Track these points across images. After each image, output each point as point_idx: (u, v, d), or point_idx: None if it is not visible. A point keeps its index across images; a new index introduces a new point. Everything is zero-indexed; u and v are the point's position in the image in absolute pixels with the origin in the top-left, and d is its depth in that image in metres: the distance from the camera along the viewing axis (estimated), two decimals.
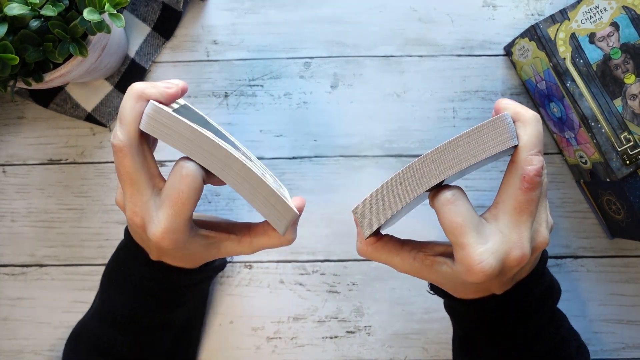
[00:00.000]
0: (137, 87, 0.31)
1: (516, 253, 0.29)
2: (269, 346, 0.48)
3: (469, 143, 0.29)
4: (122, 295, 0.38)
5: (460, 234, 0.29)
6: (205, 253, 0.36)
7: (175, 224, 0.30)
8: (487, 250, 0.29)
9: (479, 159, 0.29)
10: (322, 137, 0.50)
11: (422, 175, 0.29)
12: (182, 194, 0.30)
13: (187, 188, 0.30)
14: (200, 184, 0.30)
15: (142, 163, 0.31)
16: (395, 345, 0.48)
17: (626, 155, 0.41)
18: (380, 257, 0.34)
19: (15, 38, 0.37)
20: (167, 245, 0.31)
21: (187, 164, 0.30)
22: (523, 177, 0.29)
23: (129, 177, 0.31)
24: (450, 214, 0.29)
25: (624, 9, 0.42)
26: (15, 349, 0.49)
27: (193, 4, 0.50)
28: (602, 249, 0.49)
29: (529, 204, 0.29)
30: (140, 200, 0.31)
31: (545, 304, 0.35)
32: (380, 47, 0.50)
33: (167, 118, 0.30)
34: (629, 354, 0.48)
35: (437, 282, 0.34)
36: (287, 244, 0.36)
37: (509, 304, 0.34)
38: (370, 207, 0.30)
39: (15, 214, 0.50)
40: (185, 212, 0.30)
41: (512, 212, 0.30)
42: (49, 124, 0.50)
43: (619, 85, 0.42)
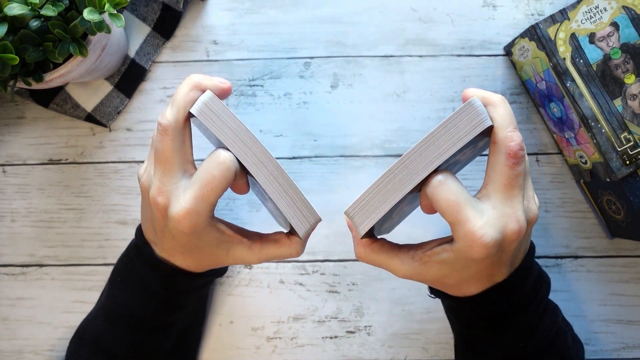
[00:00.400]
0: (196, 77, 0.33)
1: (513, 225, 0.30)
2: (269, 346, 0.48)
3: (446, 133, 0.30)
4: (127, 295, 0.38)
5: (457, 210, 0.29)
6: (214, 253, 0.35)
7: (200, 207, 0.31)
8: (486, 222, 0.29)
9: (459, 146, 0.30)
10: (322, 137, 0.50)
11: (409, 172, 0.30)
12: (214, 179, 0.31)
13: (220, 174, 0.31)
14: (233, 174, 0.31)
15: (180, 146, 0.32)
16: (395, 345, 0.48)
17: (626, 155, 0.41)
18: (379, 260, 0.34)
19: (15, 38, 0.37)
20: (185, 228, 0.32)
21: (226, 153, 0.31)
22: (507, 153, 0.30)
23: (165, 156, 0.32)
24: (444, 194, 0.30)
25: (624, 9, 0.42)
26: (15, 349, 0.49)
27: (193, 4, 0.50)
28: (602, 249, 0.49)
29: (517, 178, 0.30)
30: (169, 180, 0.32)
31: (537, 293, 0.35)
32: (380, 47, 0.50)
33: (219, 108, 0.32)
34: (629, 354, 0.48)
35: (439, 278, 0.34)
36: (296, 256, 0.36)
37: (510, 291, 0.34)
38: (362, 208, 0.31)
39: (15, 214, 0.50)
40: (212, 197, 0.31)
41: (503, 189, 0.30)
42: (49, 124, 0.50)
43: (619, 85, 0.42)
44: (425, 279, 0.34)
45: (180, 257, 0.36)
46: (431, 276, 0.34)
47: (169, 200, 0.32)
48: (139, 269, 0.38)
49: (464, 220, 0.29)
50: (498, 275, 0.34)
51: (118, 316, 0.38)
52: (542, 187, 0.49)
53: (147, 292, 0.37)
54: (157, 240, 0.36)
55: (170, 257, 0.36)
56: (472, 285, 0.34)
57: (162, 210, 0.33)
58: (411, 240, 0.49)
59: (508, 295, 0.34)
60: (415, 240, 0.49)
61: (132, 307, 0.38)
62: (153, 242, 0.37)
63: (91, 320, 0.41)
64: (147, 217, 0.36)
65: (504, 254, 0.32)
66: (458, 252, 0.31)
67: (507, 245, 0.31)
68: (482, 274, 0.33)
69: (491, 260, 0.31)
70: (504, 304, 0.34)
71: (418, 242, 0.35)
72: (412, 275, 0.34)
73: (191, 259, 0.36)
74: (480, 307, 0.35)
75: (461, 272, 0.33)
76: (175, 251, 0.36)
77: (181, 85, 0.33)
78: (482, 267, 0.32)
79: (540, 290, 0.36)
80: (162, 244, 0.36)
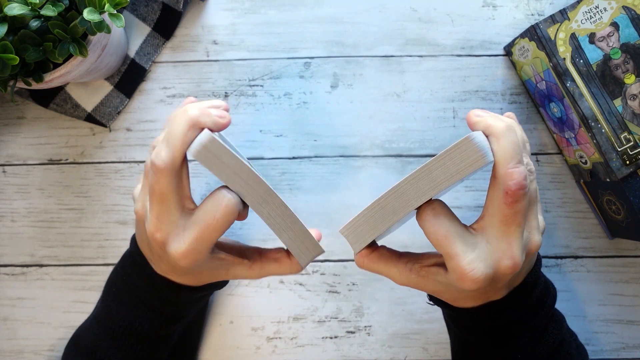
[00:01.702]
0: (192, 115, 0.31)
1: (507, 262, 0.29)
2: (269, 346, 0.48)
3: (442, 167, 0.28)
4: (123, 306, 0.37)
5: (447, 244, 0.29)
6: (214, 273, 0.35)
7: (201, 247, 0.31)
8: (476, 257, 0.29)
9: (455, 181, 0.29)
10: (322, 137, 0.50)
11: (402, 200, 0.30)
12: (216, 221, 0.30)
13: (223, 217, 0.30)
14: (235, 216, 0.31)
15: (177, 185, 0.31)
16: (395, 345, 0.48)
17: (626, 155, 0.41)
18: (378, 269, 0.34)
19: (15, 38, 0.37)
20: (185, 265, 0.31)
21: (229, 194, 0.30)
22: (505, 192, 0.28)
23: (162, 196, 0.31)
24: (434, 228, 0.29)
25: (624, 9, 0.42)
26: (15, 349, 0.49)
27: (193, 4, 0.50)
28: (602, 249, 0.49)
29: (515, 216, 0.29)
30: (167, 218, 0.31)
31: (543, 306, 0.35)
32: (380, 47, 0.50)
33: (219, 149, 0.30)
34: (629, 354, 0.48)
35: (435, 292, 0.34)
36: (296, 273, 0.36)
37: (509, 308, 0.34)
38: (355, 229, 0.31)
39: (15, 214, 0.50)
40: (213, 238, 0.31)
41: (499, 225, 0.29)
42: (49, 124, 0.50)
43: (619, 85, 0.42)
44: (422, 290, 0.34)
45: (177, 276, 0.36)
46: (428, 289, 0.34)
47: (167, 237, 0.31)
48: (135, 281, 0.37)
49: (453, 254, 0.29)
50: (494, 295, 0.34)
51: (114, 327, 0.37)
52: (542, 187, 0.49)
53: (144, 305, 0.37)
54: (153, 259, 0.36)
55: (167, 275, 0.36)
56: (468, 301, 0.34)
57: (161, 244, 0.32)
58: (414, 239, 0.49)
59: (505, 312, 0.34)
60: (406, 244, 0.49)
61: (129, 318, 0.37)
62: (149, 259, 0.36)
63: (87, 329, 0.40)
64: (142, 238, 0.36)
65: (498, 283, 0.31)
66: (450, 281, 0.31)
67: (500, 278, 0.30)
68: (476, 295, 0.33)
69: (484, 289, 0.31)
70: (503, 319, 0.34)
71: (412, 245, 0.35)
72: (410, 285, 0.34)
73: (189, 279, 0.36)
74: (478, 319, 0.35)
75: (456, 293, 0.33)
76: (173, 273, 0.35)
77: (177, 122, 0.30)
78: (477, 294, 0.32)
79: (545, 303, 0.35)
80: (159, 265, 0.35)
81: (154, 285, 0.36)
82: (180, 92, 0.50)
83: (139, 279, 0.37)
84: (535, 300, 0.35)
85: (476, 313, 0.34)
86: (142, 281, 0.37)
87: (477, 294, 0.32)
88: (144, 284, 0.37)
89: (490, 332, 0.35)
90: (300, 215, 0.48)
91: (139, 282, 0.37)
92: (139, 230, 0.36)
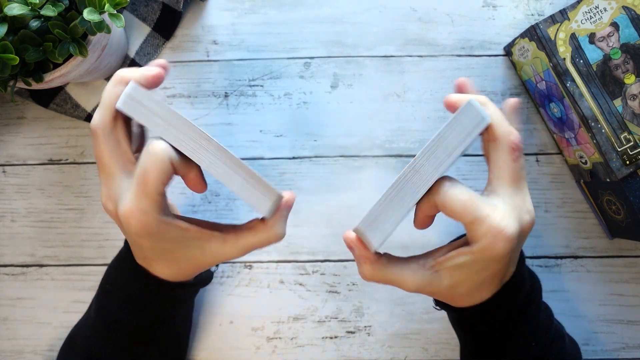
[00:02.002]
0: (121, 71, 0.31)
1: (527, 217, 0.30)
2: (269, 346, 0.48)
3: (453, 132, 0.30)
4: (114, 302, 0.37)
5: (474, 209, 0.29)
6: (188, 254, 0.34)
7: (144, 204, 0.29)
8: (505, 215, 0.29)
9: (466, 144, 0.30)
10: (322, 137, 0.50)
11: (420, 175, 0.30)
12: (148, 173, 0.29)
13: (153, 166, 0.29)
14: (168, 164, 0.29)
15: (116, 147, 0.31)
16: (395, 345, 0.48)
17: (626, 155, 0.41)
18: (390, 274, 0.33)
19: (15, 38, 0.37)
20: (135, 229, 0.30)
21: (155, 142, 0.29)
22: (510, 147, 0.30)
23: (102, 161, 0.31)
24: (457, 196, 0.29)
25: (624, 9, 0.42)
26: (15, 349, 0.49)
27: (193, 4, 0.50)
28: (602, 249, 0.49)
29: (521, 170, 0.31)
30: (113, 184, 0.31)
31: (534, 292, 0.35)
32: (380, 47, 0.50)
33: (144, 96, 0.30)
34: (629, 354, 0.48)
35: (452, 287, 0.32)
36: (277, 240, 0.34)
37: (511, 296, 0.34)
38: (374, 220, 0.31)
39: (15, 214, 0.50)
40: (151, 191, 0.29)
41: (510, 182, 0.31)
42: (49, 124, 0.50)
43: (619, 86, 0.42)
44: (437, 289, 0.33)
45: (157, 265, 0.35)
46: (444, 285, 0.32)
47: (116, 204, 0.31)
48: (125, 276, 0.37)
49: (483, 216, 0.29)
50: (507, 274, 0.33)
51: (107, 323, 0.37)
52: (542, 187, 0.49)
53: (131, 301, 0.36)
54: (132, 248, 0.35)
55: (148, 266, 0.35)
56: (484, 290, 0.33)
57: (114, 215, 0.31)
58: (414, 244, 0.49)
59: (512, 297, 0.34)
60: (418, 245, 0.49)
61: (119, 314, 0.37)
62: (131, 248, 0.36)
63: (82, 327, 0.40)
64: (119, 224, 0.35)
65: (520, 244, 0.31)
66: (479, 253, 0.30)
67: (523, 236, 0.31)
68: (497, 275, 0.32)
69: (510, 255, 0.30)
70: (511, 305, 0.34)
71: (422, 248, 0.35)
72: (424, 285, 0.32)
73: (168, 266, 0.34)
74: (485, 315, 0.34)
75: (477, 276, 0.31)
76: (148, 259, 0.34)
77: (107, 84, 0.31)
78: (500, 266, 0.31)
79: (534, 288, 0.36)
80: (134, 252, 0.35)
81: (137, 278, 0.36)
82: (180, 92, 0.50)
83: (126, 273, 0.36)
84: (529, 286, 0.35)
85: (484, 307, 0.34)
86: (129, 275, 0.36)
87: (501, 268, 0.31)
88: (130, 278, 0.36)
89: (496, 326, 0.35)
90: (301, 215, 0.48)
91: (127, 276, 0.36)
92: None
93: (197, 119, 0.50)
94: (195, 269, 0.36)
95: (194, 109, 0.50)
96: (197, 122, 0.50)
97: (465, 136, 0.30)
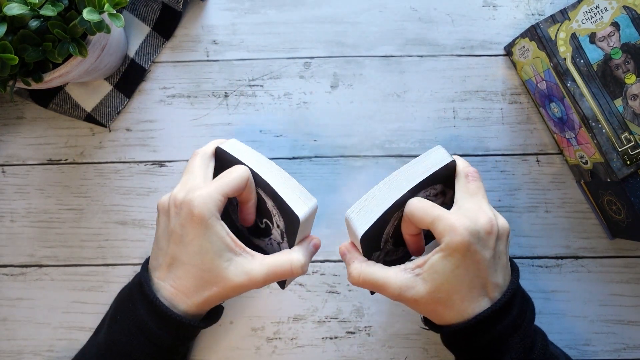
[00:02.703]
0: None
1: (482, 217, 0.35)
2: (269, 347, 0.48)
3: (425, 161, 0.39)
4: (125, 335, 0.37)
5: (432, 211, 0.35)
6: (216, 264, 0.35)
7: (213, 193, 0.35)
8: (459, 215, 0.35)
9: (432, 171, 0.38)
10: (322, 137, 0.50)
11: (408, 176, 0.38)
12: (230, 176, 0.37)
13: (235, 174, 0.37)
14: (245, 179, 0.37)
15: (205, 166, 0.39)
16: (396, 345, 0.48)
17: (627, 155, 0.41)
18: (376, 273, 0.36)
19: (15, 38, 0.37)
20: (196, 207, 0.34)
21: (241, 165, 0.38)
22: (466, 175, 0.38)
23: (192, 169, 0.38)
24: (419, 204, 0.36)
25: (625, 9, 0.42)
26: (14, 350, 0.49)
27: (193, 4, 0.50)
28: (602, 249, 0.49)
29: (477, 188, 0.38)
30: (192, 183, 0.37)
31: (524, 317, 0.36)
32: (380, 47, 0.50)
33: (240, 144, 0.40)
34: (629, 355, 0.48)
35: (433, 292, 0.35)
36: (298, 265, 0.37)
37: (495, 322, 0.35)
38: (364, 207, 0.37)
39: (15, 214, 0.50)
40: (225, 189, 0.36)
41: (467, 197, 0.37)
42: (48, 124, 0.50)
43: (619, 86, 0.42)
44: (418, 294, 0.35)
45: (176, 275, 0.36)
46: (425, 290, 0.35)
47: (187, 194, 0.35)
48: (141, 313, 0.36)
49: (441, 215, 0.35)
50: (490, 288, 0.35)
51: (114, 356, 0.37)
52: (543, 187, 0.49)
53: (146, 338, 0.36)
54: (162, 263, 0.36)
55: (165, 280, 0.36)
56: (465, 300, 0.34)
57: (179, 204, 0.35)
58: None
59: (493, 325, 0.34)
60: None
61: (130, 348, 0.37)
62: (154, 268, 0.37)
63: (87, 354, 0.39)
64: (157, 240, 0.38)
65: (485, 248, 0.34)
66: (446, 247, 0.34)
67: (484, 236, 0.34)
68: (474, 282, 0.34)
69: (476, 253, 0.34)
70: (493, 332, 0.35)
71: None
72: (406, 287, 0.35)
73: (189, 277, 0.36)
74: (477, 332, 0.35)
75: (453, 278, 0.34)
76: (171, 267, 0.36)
77: None
78: (472, 267, 0.34)
79: (526, 313, 0.36)
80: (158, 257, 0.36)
81: (159, 319, 0.36)
82: (180, 92, 0.50)
83: (144, 310, 0.36)
84: (518, 311, 0.35)
85: (472, 325, 0.35)
86: (147, 313, 0.36)
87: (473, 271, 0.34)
88: (149, 317, 0.36)
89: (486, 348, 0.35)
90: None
91: (144, 314, 0.36)
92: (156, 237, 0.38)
93: (197, 119, 0.50)
94: (217, 293, 0.36)
95: (193, 109, 0.50)
96: (197, 122, 0.50)
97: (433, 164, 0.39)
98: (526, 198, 0.49)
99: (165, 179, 0.49)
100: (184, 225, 0.35)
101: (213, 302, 0.37)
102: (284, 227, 0.39)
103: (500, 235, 0.36)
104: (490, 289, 0.35)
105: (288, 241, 0.39)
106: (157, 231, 0.38)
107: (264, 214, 0.40)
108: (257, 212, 0.40)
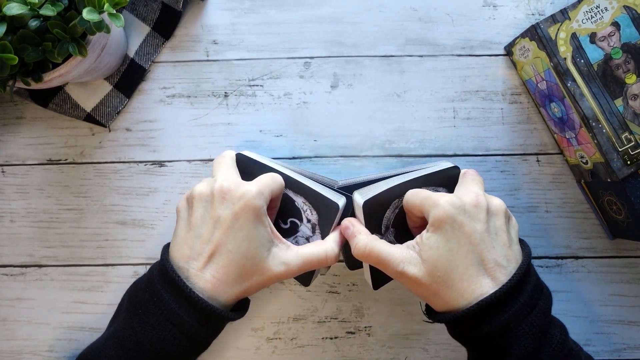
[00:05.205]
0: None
1: (470, 194, 0.37)
2: (269, 347, 0.48)
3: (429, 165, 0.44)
4: (151, 329, 0.35)
5: (423, 193, 0.38)
6: (256, 250, 0.36)
7: (263, 190, 0.37)
8: (450, 195, 0.37)
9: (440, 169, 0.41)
10: (322, 137, 0.49)
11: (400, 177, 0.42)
12: (270, 176, 0.39)
13: (278, 179, 0.40)
14: (282, 185, 0.40)
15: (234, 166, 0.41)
16: (396, 345, 0.48)
17: (627, 155, 0.41)
18: (380, 246, 0.37)
19: (15, 38, 0.37)
20: (252, 200, 0.36)
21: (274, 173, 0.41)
22: (465, 172, 0.41)
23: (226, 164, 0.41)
24: (414, 191, 0.39)
25: (625, 9, 0.42)
26: (14, 350, 0.49)
27: (193, 4, 0.50)
28: (602, 249, 0.49)
29: (473, 179, 0.40)
30: (233, 175, 0.39)
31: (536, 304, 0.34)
32: (380, 47, 0.50)
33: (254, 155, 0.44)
34: (630, 355, 0.48)
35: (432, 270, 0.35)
36: (332, 253, 0.39)
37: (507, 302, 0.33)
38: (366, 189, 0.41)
39: (14, 214, 0.50)
40: (269, 186, 0.38)
41: (461, 185, 0.40)
42: (48, 124, 0.50)
43: (619, 85, 0.42)
44: (420, 271, 0.35)
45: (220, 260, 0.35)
46: (425, 268, 0.35)
47: (233, 184, 0.37)
48: (169, 303, 0.35)
49: (429, 196, 0.37)
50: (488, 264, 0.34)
51: (138, 349, 0.35)
52: (543, 187, 0.49)
53: (181, 332, 0.35)
54: (202, 252, 0.36)
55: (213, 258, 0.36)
56: (464, 279, 0.34)
57: (226, 192, 0.37)
58: None
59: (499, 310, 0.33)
60: None
61: (159, 342, 0.35)
62: (191, 258, 0.36)
63: (99, 348, 0.37)
64: (195, 227, 0.37)
65: (474, 220, 0.35)
66: (435, 221, 0.35)
67: (470, 209, 0.36)
68: (468, 257, 0.34)
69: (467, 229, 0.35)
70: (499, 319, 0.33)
71: None
72: (408, 262, 0.36)
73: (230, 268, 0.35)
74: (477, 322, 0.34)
75: (447, 253, 0.35)
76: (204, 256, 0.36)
77: None
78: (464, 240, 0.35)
79: (539, 302, 0.34)
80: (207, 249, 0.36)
81: (193, 308, 0.35)
82: (180, 92, 0.50)
83: (174, 301, 0.35)
84: (527, 298, 0.34)
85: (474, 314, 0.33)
86: (178, 304, 0.35)
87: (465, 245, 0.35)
88: (180, 306, 0.35)
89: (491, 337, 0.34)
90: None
91: (173, 304, 0.35)
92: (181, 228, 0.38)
93: (197, 119, 0.50)
94: (254, 275, 0.37)
95: (193, 109, 0.50)
96: (196, 121, 0.50)
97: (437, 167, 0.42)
98: (526, 198, 0.49)
99: (165, 179, 0.49)
100: (238, 213, 0.36)
101: (250, 292, 0.37)
102: (317, 219, 0.41)
103: (494, 212, 0.36)
104: (489, 267, 0.34)
105: (321, 232, 0.41)
106: (190, 219, 0.37)
107: (289, 214, 0.42)
108: (281, 214, 0.42)
